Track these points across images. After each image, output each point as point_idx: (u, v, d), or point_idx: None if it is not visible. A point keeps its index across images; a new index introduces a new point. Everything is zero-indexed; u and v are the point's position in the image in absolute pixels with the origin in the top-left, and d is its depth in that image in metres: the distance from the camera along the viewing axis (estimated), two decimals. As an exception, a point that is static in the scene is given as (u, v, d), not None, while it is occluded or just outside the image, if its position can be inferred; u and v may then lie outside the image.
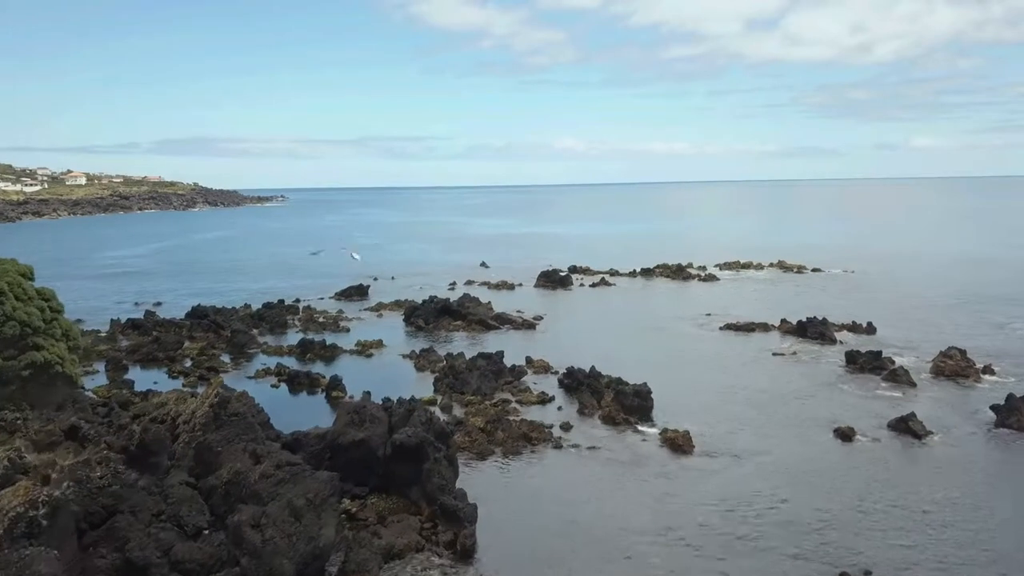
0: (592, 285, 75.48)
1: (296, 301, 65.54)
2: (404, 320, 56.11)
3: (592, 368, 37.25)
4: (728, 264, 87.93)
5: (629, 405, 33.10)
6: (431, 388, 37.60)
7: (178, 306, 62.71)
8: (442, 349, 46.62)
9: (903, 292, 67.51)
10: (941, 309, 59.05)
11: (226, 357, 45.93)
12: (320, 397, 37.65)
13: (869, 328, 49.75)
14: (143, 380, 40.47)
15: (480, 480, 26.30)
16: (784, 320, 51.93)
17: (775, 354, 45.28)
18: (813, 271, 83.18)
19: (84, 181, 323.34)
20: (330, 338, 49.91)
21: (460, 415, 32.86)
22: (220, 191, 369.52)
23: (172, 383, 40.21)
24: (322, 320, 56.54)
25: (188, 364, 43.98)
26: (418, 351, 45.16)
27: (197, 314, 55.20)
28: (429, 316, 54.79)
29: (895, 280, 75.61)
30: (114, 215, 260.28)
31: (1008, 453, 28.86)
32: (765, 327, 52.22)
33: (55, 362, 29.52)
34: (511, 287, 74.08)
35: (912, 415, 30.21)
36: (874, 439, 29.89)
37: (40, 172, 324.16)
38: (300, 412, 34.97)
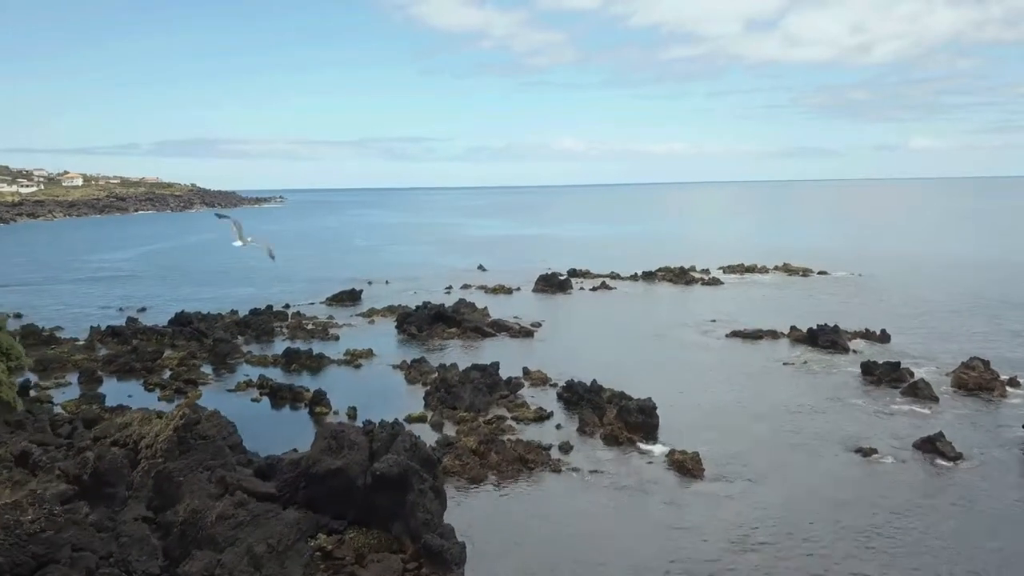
0: (592, 289, 73.16)
1: (286, 306, 63.28)
2: (396, 327, 53.81)
3: (593, 382, 34.95)
4: (732, 267, 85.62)
5: (633, 422, 30.83)
6: (422, 402, 35.31)
7: (165, 311, 60.39)
8: (435, 358, 44.35)
9: (913, 296, 65.23)
10: (955, 315, 56.76)
11: (208, 368, 43.61)
12: (304, 412, 35.33)
13: (883, 336, 47.42)
14: (117, 393, 38.15)
15: (471, 511, 24.01)
16: (794, 327, 49.60)
17: (785, 364, 43.01)
18: (819, 274, 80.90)
19: (81, 182, 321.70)
20: (319, 347, 47.62)
21: (451, 434, 30.56)
22: (218, 192, 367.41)
23: (147, 396, 37.93)
24: (311, 327, 54.16)
25: (167, 375, 41.61)
26: (409, 361, 42.87)
27: (180, 321, 52.90)
28: (422, 323, 52.48)
29: (904, 283, 73.32)
30: (110, 216, 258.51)
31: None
32: (773, 334, 49.91)
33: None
34: (508, 291, 71.74)
35: (940, 435, 27.91)
36: (899, 460, 27.55)
37: (36, 173, 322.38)
38: (282, 428, 32.78)
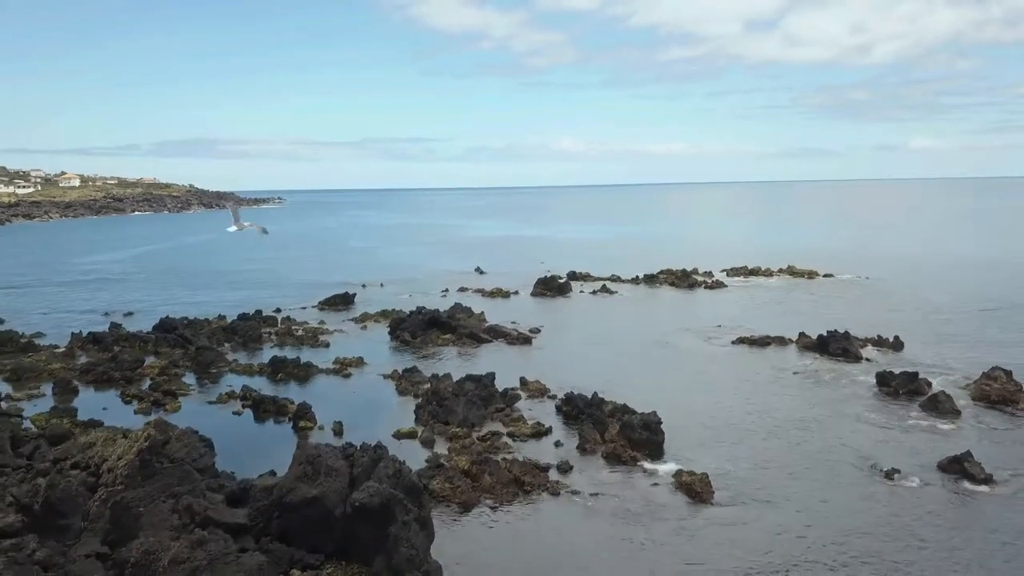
0: (593, 292, 71.17)
1: (276, 311, 61.33)
2: (389, 333, 51.82)
3: (594, 394, 32.97)
4: (736, 270, 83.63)
5: (637, 439, 28.86)
6: (412, 416, 33.32)
7: (152, 315, 58.34)
8: (428, 367, 42.40)
9: (923, 300, 63.25)
10: (968, 319, 54.81)
11: (190, 377, 41.62)
12: (288, 426, 33.33)
13: (896, 343, 45.41)
14: (92, 405, 36.11)
15: (461, 542, 22.02)
16: (802, 333, 47.61)
17: (795, 373, 41.06)
18: (825, 276, 78.92)
19: (78, 183, 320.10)
20: (308, 354, 45.63)
21: (443, 451, 28.60)
22: (216, 193, 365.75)
23: (123, 409, 35.94)
24: (300, 333, 52.14)
25: (146, 386, 39.61)
26: (401, 371, 40.89)
27: (165, 327, 50.85)
28: (416, 329, 50.50)
29: (912, 286, 71.35)
30: (106, 217, 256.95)
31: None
32: (782, 341, 47.94)
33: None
34: (506, 295, 69.76)
35: (968, 454, 25.94)
36: (924, 483, 25.56)
37: (34, 174, 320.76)
38: (263, 445, 30.79)
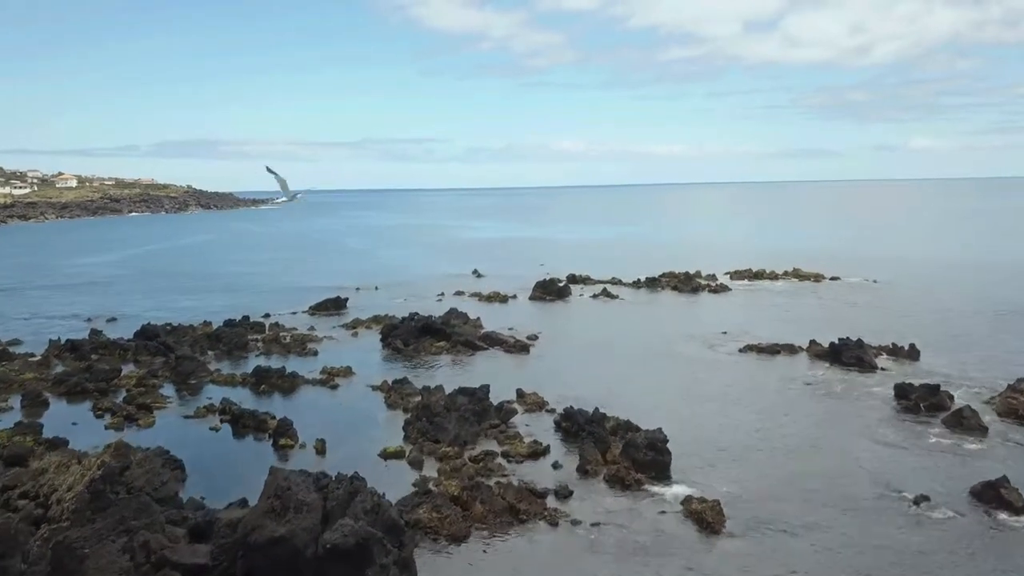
0: (593, 296, 69.05)
1: (265, 316, 59.28)
2: (381, 340, 49.69)
3: (595, 410, 30.80)
4: (739, 272, 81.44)
5: (641, 460, 26.72)
6: (400, 433, 31.17)
7: (137, 321, 56.09)
8: (420, 377, 40.29)
9: (936, 305, 61.07)
10: (983, 325, 52.66)
11: (169, 388, 39.49)
12: (268, 443, 31.19)
13: (912, 352, 43.21)
14: (62, 420, 33.96)
15: (448, 581, 19.92)
16: (813, 341, 45.45)
17: (807, 384, 38.92)
18: (831, 279, 76.77)
19: (75, 183, 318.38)
20: (294, 363, 43.55)
21: (432, 473, 26.46)
22: (214, 193, 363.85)
23: (94, 424, 33.81)
24: (288, 340, 49.95)
25: (121, 398, 37.46)
26: (391, 382, 38.72)
27: (146, 334, 48.75)
28: (408, 336, 48.35)
29: (922, 289, 69.20)
30: (102, 218, 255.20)
31: None
32: (791, 349, 45.80)
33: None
34: (504, 299, 67.64)
35: (1004, 479, 23.78)
36: (956, 512, 23.40)
37: (31, 174, 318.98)
38: (240, 465, 28.65)
